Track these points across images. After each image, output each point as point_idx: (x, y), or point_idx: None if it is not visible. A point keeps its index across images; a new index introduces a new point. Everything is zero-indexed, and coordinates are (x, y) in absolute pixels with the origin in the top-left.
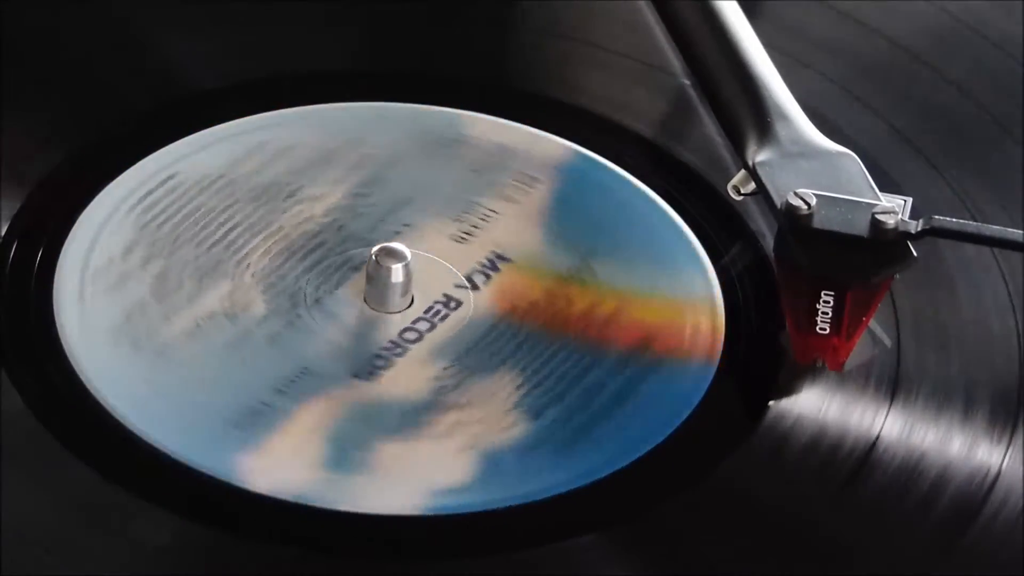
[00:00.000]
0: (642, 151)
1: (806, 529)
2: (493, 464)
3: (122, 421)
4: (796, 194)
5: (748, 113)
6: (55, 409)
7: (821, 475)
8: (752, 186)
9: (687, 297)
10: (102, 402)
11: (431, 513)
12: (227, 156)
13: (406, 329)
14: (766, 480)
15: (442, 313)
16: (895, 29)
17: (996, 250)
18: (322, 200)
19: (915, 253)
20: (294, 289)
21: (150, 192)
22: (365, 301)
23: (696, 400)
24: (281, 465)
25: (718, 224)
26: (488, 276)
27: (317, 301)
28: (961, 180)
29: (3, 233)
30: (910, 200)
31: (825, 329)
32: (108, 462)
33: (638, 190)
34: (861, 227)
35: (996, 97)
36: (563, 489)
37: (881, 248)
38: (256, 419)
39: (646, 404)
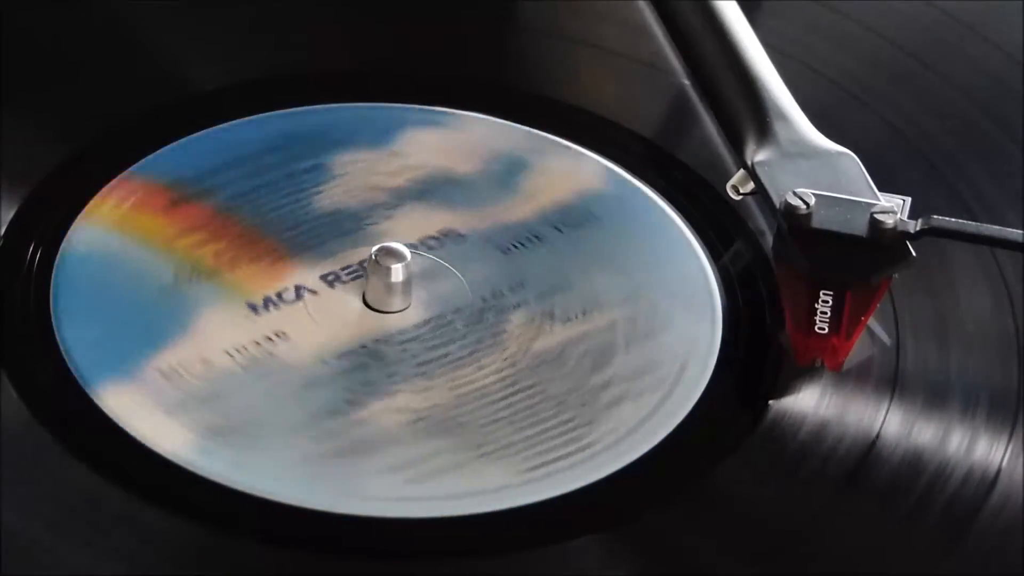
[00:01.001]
0: (642, 151)
1: (805, 529)
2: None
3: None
4: (795, 194)
5: (747, 113)
6: (54, 409)
7: (820, 475)
8: (751, 186)
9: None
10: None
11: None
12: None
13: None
14: (765, 480)
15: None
16: (895, 29)
17: (996, 250)
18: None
19: (914, 253)
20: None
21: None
22: (365, 301)
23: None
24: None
25: (718, 224)
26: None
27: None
28: (961, 180)
29: (3, 233)
30: (909, 200)
31: (824, 329)
32: (107, 461)
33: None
34: (860, 227)
35: (996, 97)
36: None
37: (880, 248)
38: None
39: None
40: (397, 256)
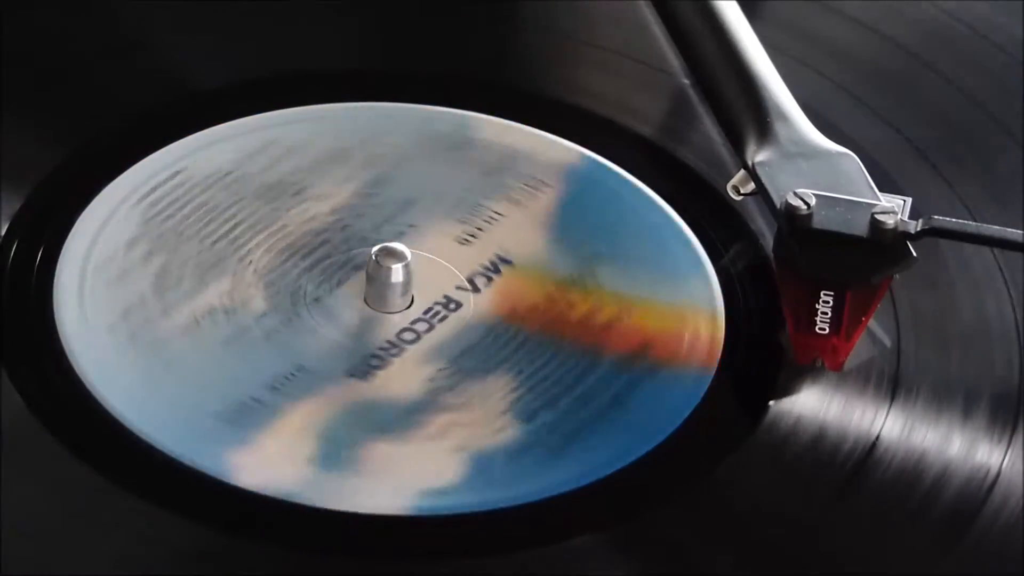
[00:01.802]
0: (643, 152)
1: (806, 529)
2: (486, 466)
3: (120, 419)
4: (795, 194)
5: (748, 113)
6: (54, 408)
7: (821, 475)
8: (752, 186)
9: (687, 298)
10: (100, 400)
11: (420, 513)
12: (234, 153)
13: (404, 329)
14: (766, 480)
15: (441, 314)
16: (895, 29)
17: (996, 250)
18: (328, 199)
19: (914, 253)
20: (295, 287)
21: (154, 188)
22: (365, 301)
23: (696, 400)
24: (271, 463)
25: (718, 225)
26: (490, 279)
27: (317, 300)
28: (961, 180)
29: (3, 233)
30: (909, 200)
31: (825, 329)
32: (106, 460)
33: (639, 191)
34: (860, 227)
35: (996, 97)
36: (559, 491)
37: (880, 248)
38: (248, 416)
39: (645, 404)
40: (397, 256)
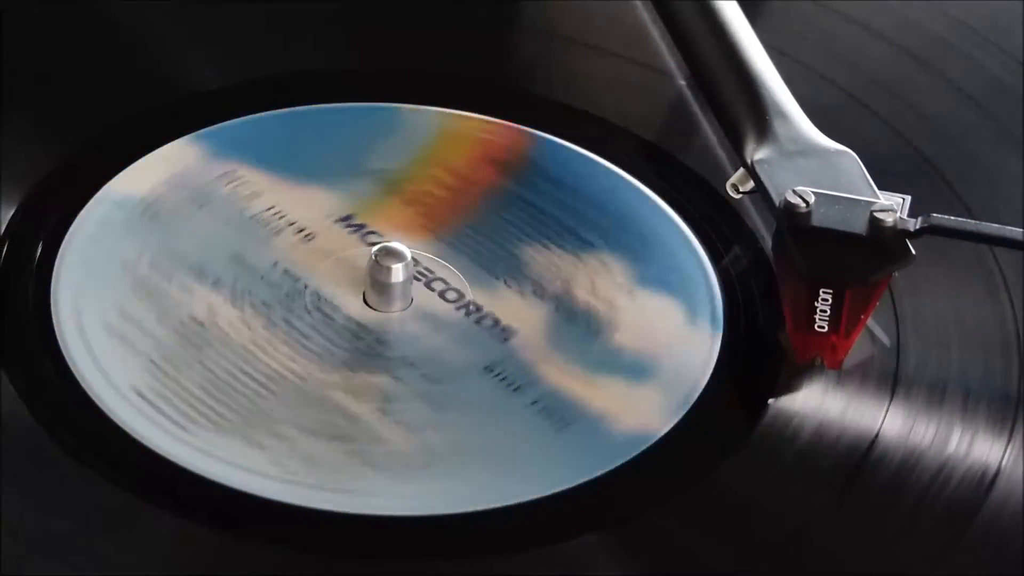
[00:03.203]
0: (642, 152)
1: (805, 528)
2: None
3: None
4: (795, 192)
5: (747, 111)
6: (52, 409)
7: (820, 474)
8: (751, 184)
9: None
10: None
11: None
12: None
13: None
14: (765, 479)
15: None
16: (894, 29)
17: (996, 249)
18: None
19: (913, 251)
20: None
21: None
22: (365, 301)
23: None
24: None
25: (718, 224)
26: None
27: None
28: (961, 180)
29: (3, 233)
30: (908, 198)
31: (824, 327)
32: (104, 461)
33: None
34: (859, 225)
35: (996, 97)
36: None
37: (879, 246)
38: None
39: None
40: (397, 256)
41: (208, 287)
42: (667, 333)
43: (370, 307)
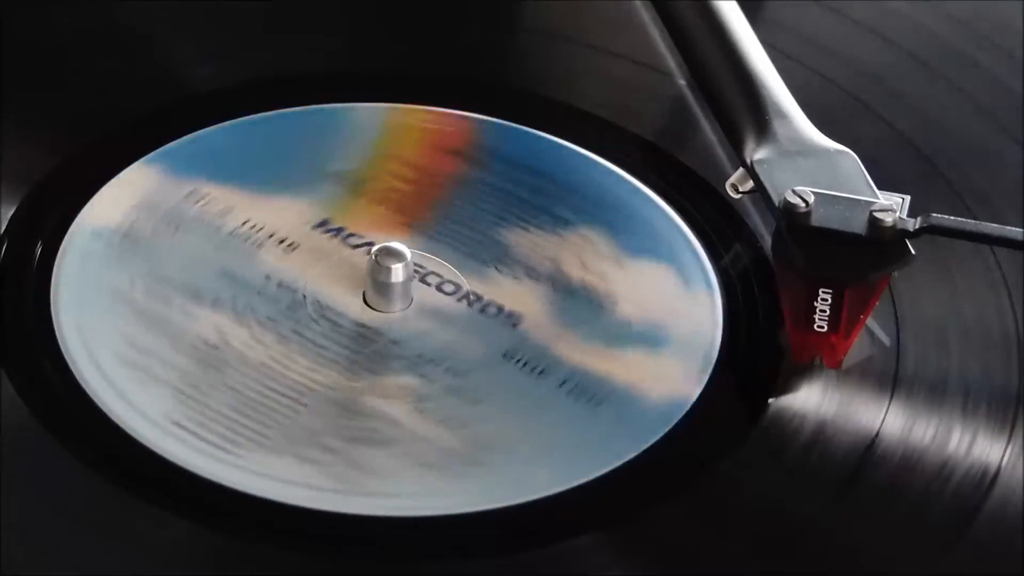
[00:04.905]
0: (642, 152)
1: (805, 528)
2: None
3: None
4: (794, 192)
5: (746, 111)
6: (53, 408)
7: (820, 474)
8: (750, 184)
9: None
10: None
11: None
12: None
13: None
14: (765, 479)
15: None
16: (894, 29)
17: (996, 249)
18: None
19: (913, 251)
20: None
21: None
22: (365, 301)
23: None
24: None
25: (718, 224)
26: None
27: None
28: (961, 180)
29: (3, 232)
30: (908, 198)
31: (823, 327)
32: (105, 462)
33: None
34: (859, 225)
35: (996, 97)
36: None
37: (879, 246)
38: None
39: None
40: (397, 256)
41: (209, 308)
42: (668, 298)
43: (372, 308)
